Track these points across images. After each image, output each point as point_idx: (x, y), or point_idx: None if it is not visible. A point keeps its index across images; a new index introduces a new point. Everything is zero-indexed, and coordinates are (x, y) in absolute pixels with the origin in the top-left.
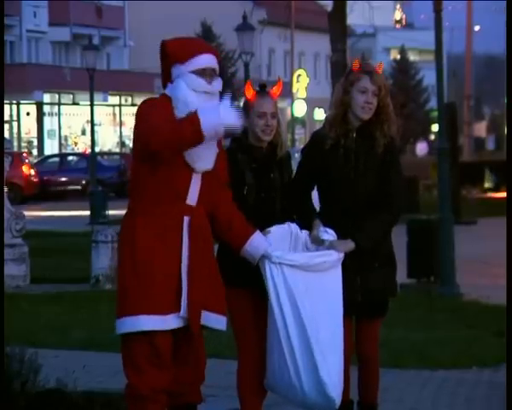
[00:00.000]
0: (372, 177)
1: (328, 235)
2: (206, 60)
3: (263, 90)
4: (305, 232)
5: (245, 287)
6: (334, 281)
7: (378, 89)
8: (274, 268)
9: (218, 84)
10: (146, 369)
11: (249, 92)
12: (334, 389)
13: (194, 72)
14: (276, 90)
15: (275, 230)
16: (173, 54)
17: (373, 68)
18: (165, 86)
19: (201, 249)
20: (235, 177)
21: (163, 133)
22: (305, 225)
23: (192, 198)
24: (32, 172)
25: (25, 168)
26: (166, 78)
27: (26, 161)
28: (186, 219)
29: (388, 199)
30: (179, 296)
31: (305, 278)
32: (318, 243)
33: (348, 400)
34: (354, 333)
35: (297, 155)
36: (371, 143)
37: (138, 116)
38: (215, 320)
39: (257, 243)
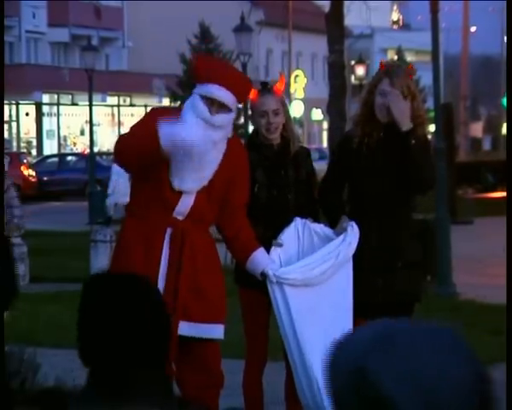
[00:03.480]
0: (395, 175)
1: (352, 228)
2: (217, 91)
3: (264, 88)
4: (318, 225)
5: (257, 288)
6: (342, 289)
7: (400, 92)
8: (276, 288)
9: (223, 119)
10: None
11: (252, 93)
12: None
13: (203, 96)
14: (279, 86)
15: (284, 237)
16: (196, 70)
17: (396, 70)
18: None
19: (185, 262)
20: None
21: (124, 140)
22: (332, 220)
23: (180, 212)
24: (31, 172)
25: (23, 168)
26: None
27: (25, 161)
28: (169, 230)
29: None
30: None
31: (309, 295)
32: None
33: None
34: None
35: None
36: (398, 143)
37: (133, 125)
38: (205, 330)
39: (257, 261)
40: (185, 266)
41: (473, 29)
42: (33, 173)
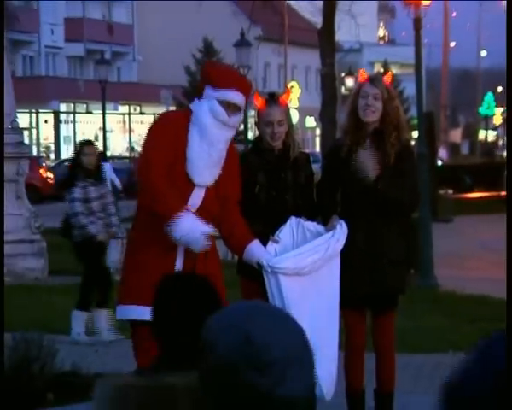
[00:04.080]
0: (383, 183)
1: (341, 226)
2: (235, 96)
3: (271, 99)
4: (311, 223)
5: (257, 280)
6: (329, 280)
7: (380, 92)
8: (271, 278)
9: (237, 119)
10: (153, 352)
11: (258, 101)
12: (323, 382)
13: (220, 100)
14: (285, 98)
15: (281, 234)
16: (210, 76)
17: (376, 75)
18: (192, 100)
19: (197, 254)
20: (246, 178)
21: (151, 193)
22: (325, 218)
23: (193, 204)
24: (49, 174)
25: (42, 171)
26: (198, 93)
27: (44, 164)
28: None
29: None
30: None
31: (300, 283)
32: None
33: (360, 388)
34: (369, 327)
35: None
36: (383, 152)
37: (148, 133)
38: None
39: (252, 252)
40: (200, 256)
41: (452, 44)
42: (51, 175)
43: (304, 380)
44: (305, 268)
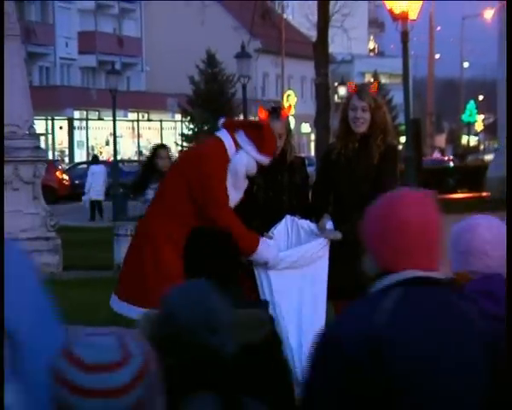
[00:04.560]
0: (369, 183)
1: (330, 226)
2: (268, 160)
3: (274, 112)
4: (305, 221)
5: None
6: (318, 272)
7: (368, 105)
8: (261, 273)
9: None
10: None
11: (262, 114)
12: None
13: (257, 160)
14: (286, 112)
15: (276, 231)
16: (258, 140)
17: (362, 88)
18: (222, 123)
19: None
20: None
21: (228, 225)
22: (317, 217)
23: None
24: (65, 176)
25: (58, 173)
26: (231, 127)
27: (60, 167)
28: None
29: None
30: None
31: (289, 276)
32: (322, 231)
33: None
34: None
35: None
36: (369, 154)
37: (210, 172)
38: None
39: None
40: None
41: (437, 56)
42: (67, 177)
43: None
44: (296, 262)
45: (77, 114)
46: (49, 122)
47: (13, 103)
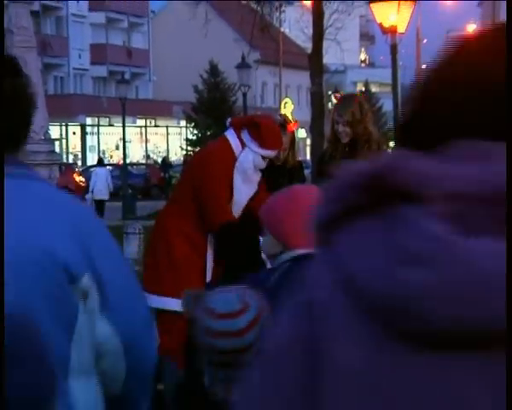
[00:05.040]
0: None
1: None
2: (274, 153)
3: (282, 128)
4: None
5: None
6: None
7: (346, 120)
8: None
9: (266, 162)
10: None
11: None
12: None
13: (262, 155)
14: (292, 126)
15: None
16: (261, 136)
17: (341, 103)
18: (230, 123)
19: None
20: None
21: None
22: None
23: None
24: (81, 178)
25: (75, 175)
26: (238, 126)
27: (76, 169)
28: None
29: None
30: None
31: None
32: None
33: None
34: None
35: None
36: (356, 159)
37: (209, 176)
38: None
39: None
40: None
41: (423, 66)
42: (83, 179)
43: None
44: None
45: (89, 121)
46: (64, 128)
47: None
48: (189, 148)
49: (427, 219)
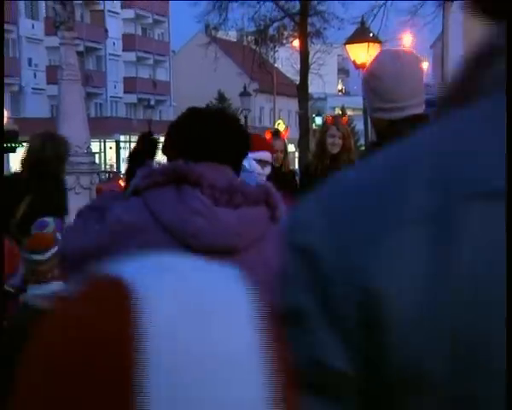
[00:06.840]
0: None
1: None
2: (265, 155)
3: (276, 134)
4: None
5: None
6: None
7: (342, 134)
8: None
9: (268, 170)
10: None
11: (268, 135)
12: None
13: (255, 159)
14: (284, 133)
15: None
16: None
17: (338, 120)
18: None
19: None
20: None
21: None
22: None
23: None
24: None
25: (120, 181)
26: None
27: (121, 176)
28: None
29: None
30: None
31: None
32: None
33: None
34: None
35: None
36: (338, 168)
37: None
38: None
39: None
40: None
41: None
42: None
43: None
44: None
45: (122, 138)
46: (102, 144)
47: (76, 130)
48: None
49: (200, 194)
